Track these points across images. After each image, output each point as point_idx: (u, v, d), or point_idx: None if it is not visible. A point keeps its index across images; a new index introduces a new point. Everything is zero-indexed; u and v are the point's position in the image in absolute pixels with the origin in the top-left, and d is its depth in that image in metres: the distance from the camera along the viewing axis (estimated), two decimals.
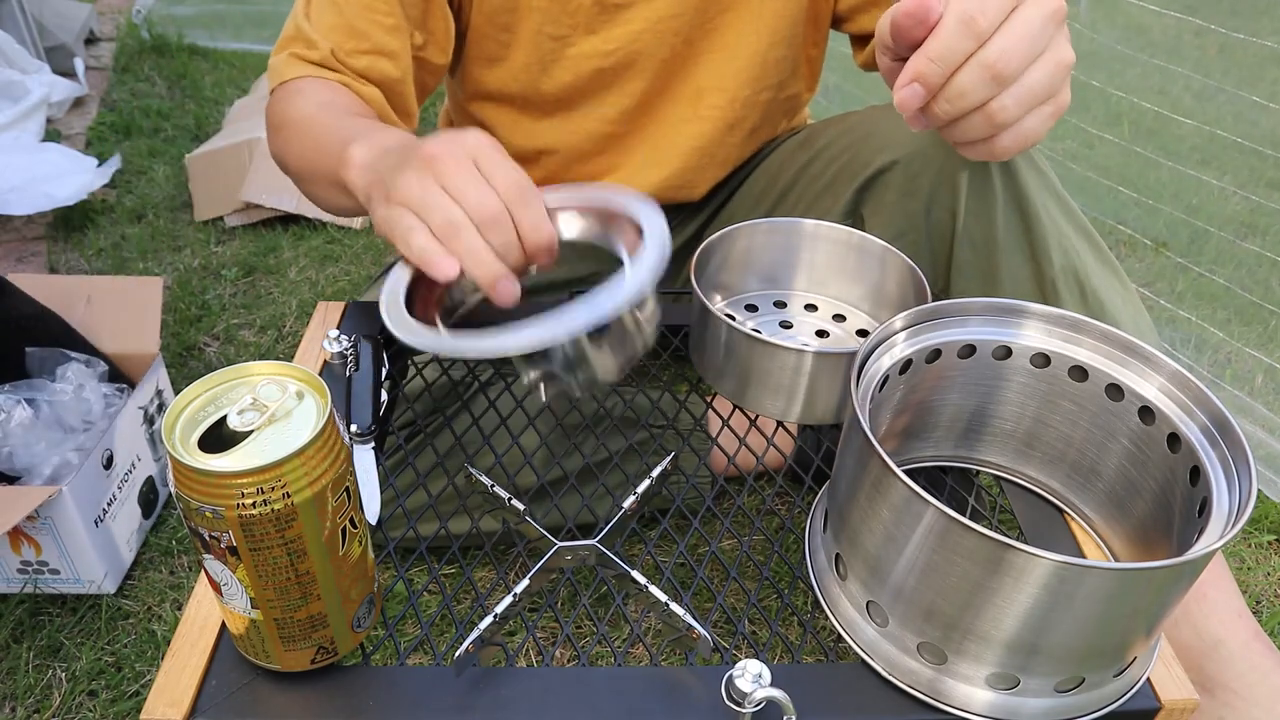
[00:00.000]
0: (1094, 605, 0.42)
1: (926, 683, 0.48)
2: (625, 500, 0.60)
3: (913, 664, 0.49)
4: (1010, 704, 0.47)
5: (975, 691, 0.47)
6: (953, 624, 0.46)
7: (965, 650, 0.46)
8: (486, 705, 0.48)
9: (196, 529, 0.43)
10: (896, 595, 0.48)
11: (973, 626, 0.45)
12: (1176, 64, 2.25)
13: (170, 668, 0.49)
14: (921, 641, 0.48)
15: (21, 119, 1.91)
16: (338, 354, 0.69)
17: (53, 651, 0.94)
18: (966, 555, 0.43)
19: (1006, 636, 0.45)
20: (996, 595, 0.43)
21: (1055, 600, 0.42)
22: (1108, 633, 0.45)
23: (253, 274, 1.61)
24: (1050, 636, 0.44)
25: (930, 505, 0.43)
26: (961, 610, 0.45)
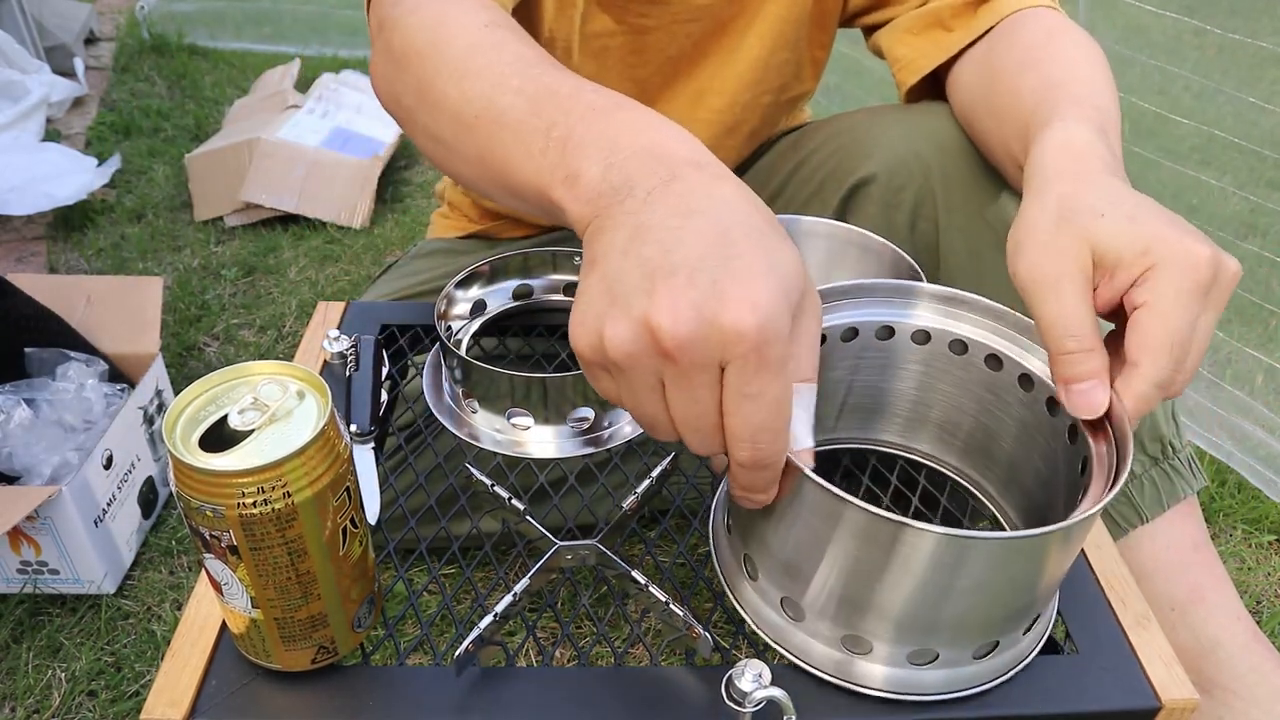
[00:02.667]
0: (985, 576, 0.44)
1: (836, 665, 0.49)
2: (625, 500, 0.60)
3: (827, 650, 0.49)
4: (918, 677, 0.48)
5: (888, 670, 0.48)
6: (858, 604, 0.46)
7: (878, 631, 0.47)
8: (486, 705, 0.48)
9: (197, 528, 0.43)
10: (794, 578, 0.48)
11: (878, 604, 0.46)
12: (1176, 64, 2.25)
13: (170, 668, 0.49)
14: (836, 630, 0.48)
15: (21, 119, 1.91)
16: (338, 354, 0.69)
17: (52, 651, 0.94)
18: (858, 532, 0.44)
19: (909, 611, 0.45)
20: (894, 571, 0.44)
21: (949, 573, 0.43)
22: (1001, 602, 0.46)
23: (252, 274, 1.61)
24: (948, 609, 0.45)
25: (815, 484, 0.43)
26: (866, 590, 0.45)
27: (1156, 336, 0.45)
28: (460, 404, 0.67)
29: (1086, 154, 0.54)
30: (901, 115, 0.82)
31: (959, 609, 0.45)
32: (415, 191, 1.94)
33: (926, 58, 0.80)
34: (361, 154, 1.85)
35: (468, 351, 0.75)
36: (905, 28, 0.82)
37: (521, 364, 0.77)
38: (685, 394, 0.38)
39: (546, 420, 0.65)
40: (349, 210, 1.78)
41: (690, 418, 0.39)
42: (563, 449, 0.65)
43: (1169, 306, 0.45)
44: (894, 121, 0.81)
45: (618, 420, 0.67)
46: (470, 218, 1.05)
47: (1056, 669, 0.51)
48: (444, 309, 0.73)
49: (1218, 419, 1.28)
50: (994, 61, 0.74)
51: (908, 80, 0.83)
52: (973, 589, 0.44)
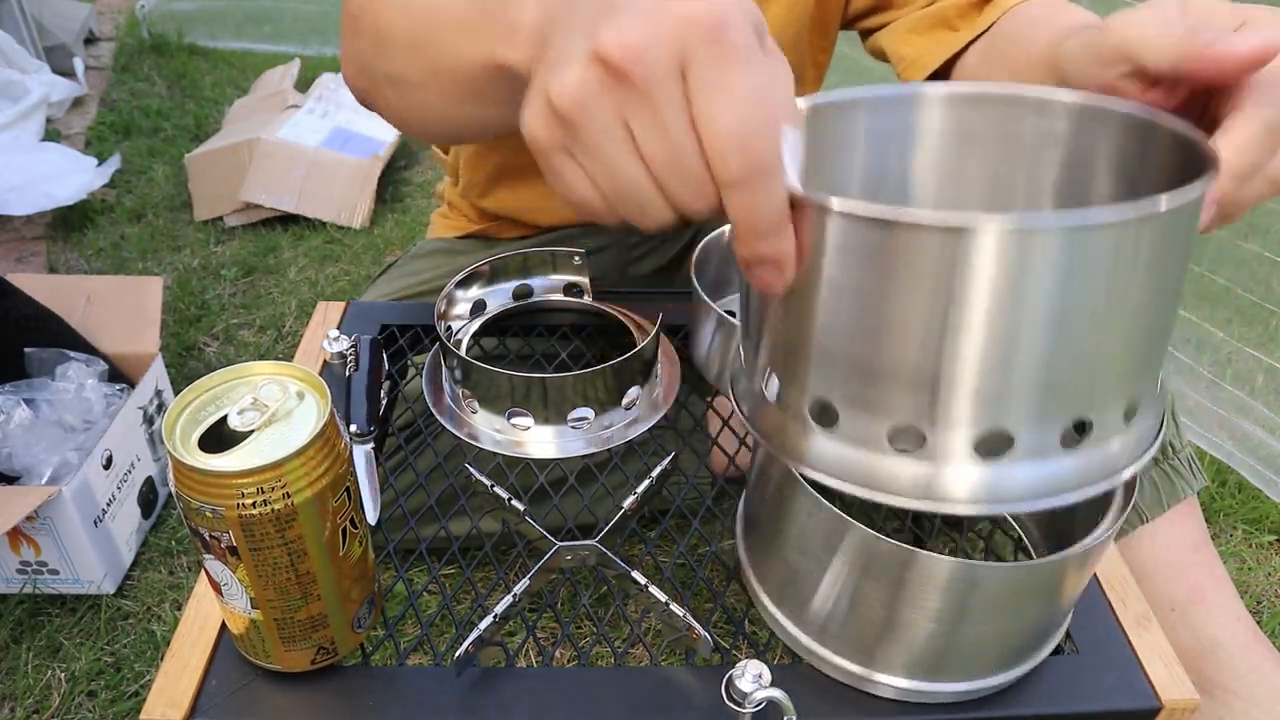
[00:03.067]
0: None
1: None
2: (625, 500, 0.60)
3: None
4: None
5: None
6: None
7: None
8: (486, 705, 0.48)
9: (197, 529, 0.43)
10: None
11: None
12: None
13: (170, 668, 0.49)
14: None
15: (21, 119, 1.91)
16: (338, 354, 0.69)
17: (52, 652, 0.94)
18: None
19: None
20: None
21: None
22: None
23: (252, 274, 1.61)
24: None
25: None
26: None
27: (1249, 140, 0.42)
28: (460, 404, 0.67)
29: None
30: None
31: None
32: (415, 191, 1.94)
33: (932, 55, 0.80)
34: (361, 154, 1.85)
35: (468, 351, 0.75)
36: (909, 28, 0.82)
37: (521, 364, 0.77)
38: (653, 123, 0.33)
39: (546, 420, 0.65)
40: (349, 210, 1.78)
41: (667, 155, 0.34)
42: (563, 449, 0.65)
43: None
44: None
45: (618, 420, 0.67)
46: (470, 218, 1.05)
47: (1056, 669, 0.51)
48: (444, 309, 0.72)
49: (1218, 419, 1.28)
50: (999, 51, 0.74)
51: (913, 78, 0.83)
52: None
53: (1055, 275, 0.33)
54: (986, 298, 0.34)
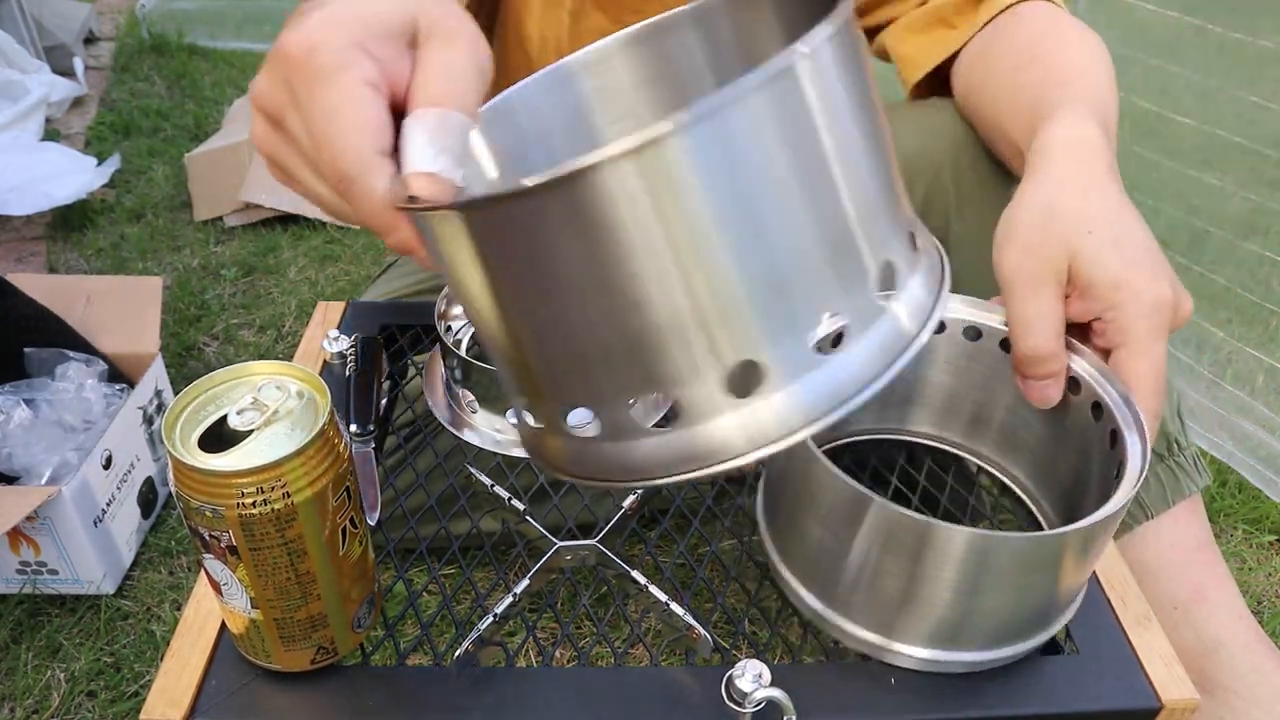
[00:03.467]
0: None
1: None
2: (625, 500, 0.60)
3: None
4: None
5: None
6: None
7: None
8: (486, 705, 0.48)
9: (196, 529, 0.43)
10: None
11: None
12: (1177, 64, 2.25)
13: (170, 668, 0.49)
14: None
15: (21, 119, 1.91)
16: (338, 354, 0.69)
17: (52, 652, 0.94)
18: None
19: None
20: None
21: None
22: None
23: (252, 274, 1.61)
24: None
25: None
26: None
27: (1146, 376, 0.50)
28: (460, 404, 0.67)
29: (1090, 152, 0.56)
30: (911, 112, 0.82)
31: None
32: None
33: (930, 54, 0.80)
34: None
35: (468, 351, 0.75)
36: (908, 26, 0.82)
37: None
38: (294, 149, 0.40)
39: None
40: None
41: (309, 173, 0.40)
42: None
43: (1146, 347, 0.50)
44: (903, 118, 0.81)
45: None
46: None
47: (1056, 669, 0.51)
48: (444, 309, 0.72)
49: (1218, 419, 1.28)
50: (995, 51, 0.74)
51: (912, 77, 0.83)
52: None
53: (711, 174, 0.30)
54: (651, 231, 0.30)
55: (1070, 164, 0.56)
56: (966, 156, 0.76)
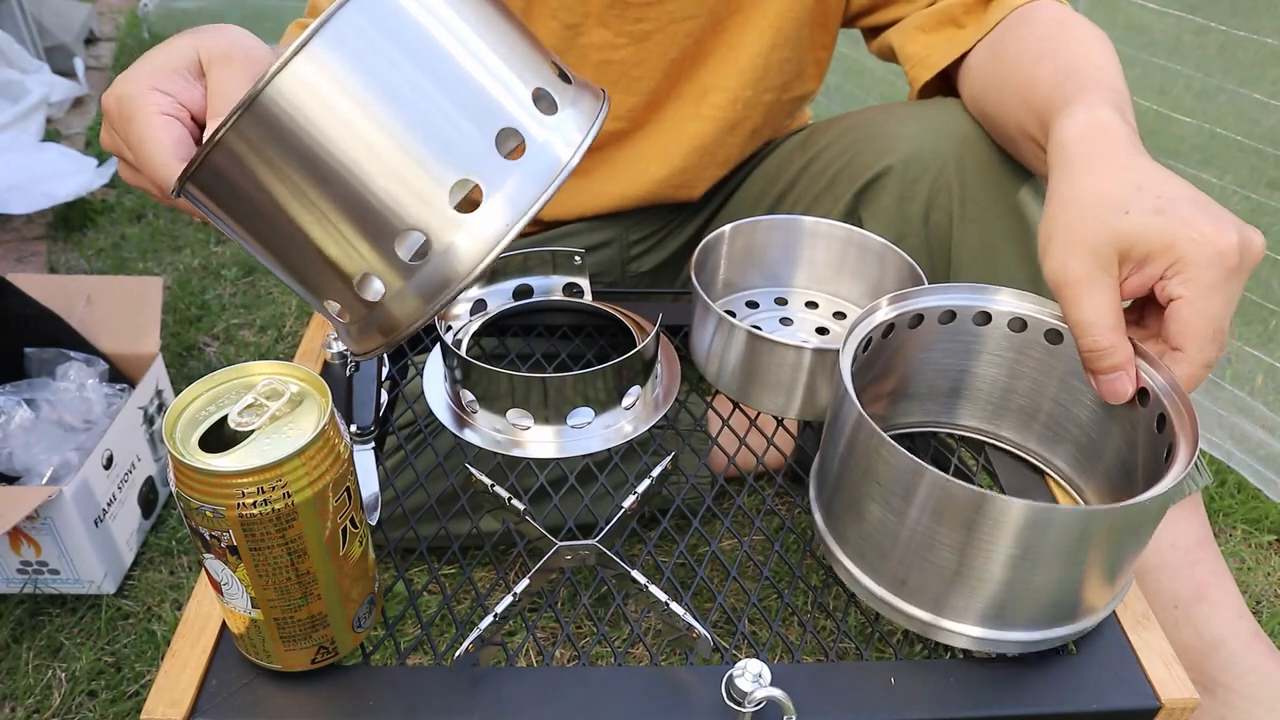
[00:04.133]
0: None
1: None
2: (625, 500, 0.60)
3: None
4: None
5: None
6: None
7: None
8: (486, 705, 0.48)
9: (197, 528, 0.43)
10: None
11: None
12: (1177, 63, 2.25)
13: (170, 667, 0.49)
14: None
15: (21, 119, 1.91)
16: (338, 354, 0.69)
17: (53, 652, 0.94)
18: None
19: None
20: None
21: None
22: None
23: (252, 274, 1.61)
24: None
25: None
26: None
27: (1198, 326, 0.49)
28: (460, 404, 0.67)
29: (1109, 133, 0.56)
30: (917, 110, 0.82)
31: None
32: None
33: (940, 54, 0.80)
34: None
35: (468, 351, 0.75)
36: (917, 25, 0.82)
37: (521, 364, 0.77)
38: (132, 169, 0.54)
39: (546, 420, 0.65)
40: None
41: (143, 179, 0.53)
42: (563, 449, 0.65)
43: (1204, 298, 0.49)
44: (910, 117, 0.81)
45: (618, 420, 0.67)
46: None
47: (1056, 669, 0.51)
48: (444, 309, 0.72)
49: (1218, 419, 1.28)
50: (1005, 48, 0.74)
51: (922, 77, 0.83)
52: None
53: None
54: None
55: (1091, 149, 0.55)
56: (971, 154, 0.76)
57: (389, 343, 0.47)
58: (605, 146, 0.94)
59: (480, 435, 0.66)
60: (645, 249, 1.02)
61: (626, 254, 1.01)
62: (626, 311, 0.77)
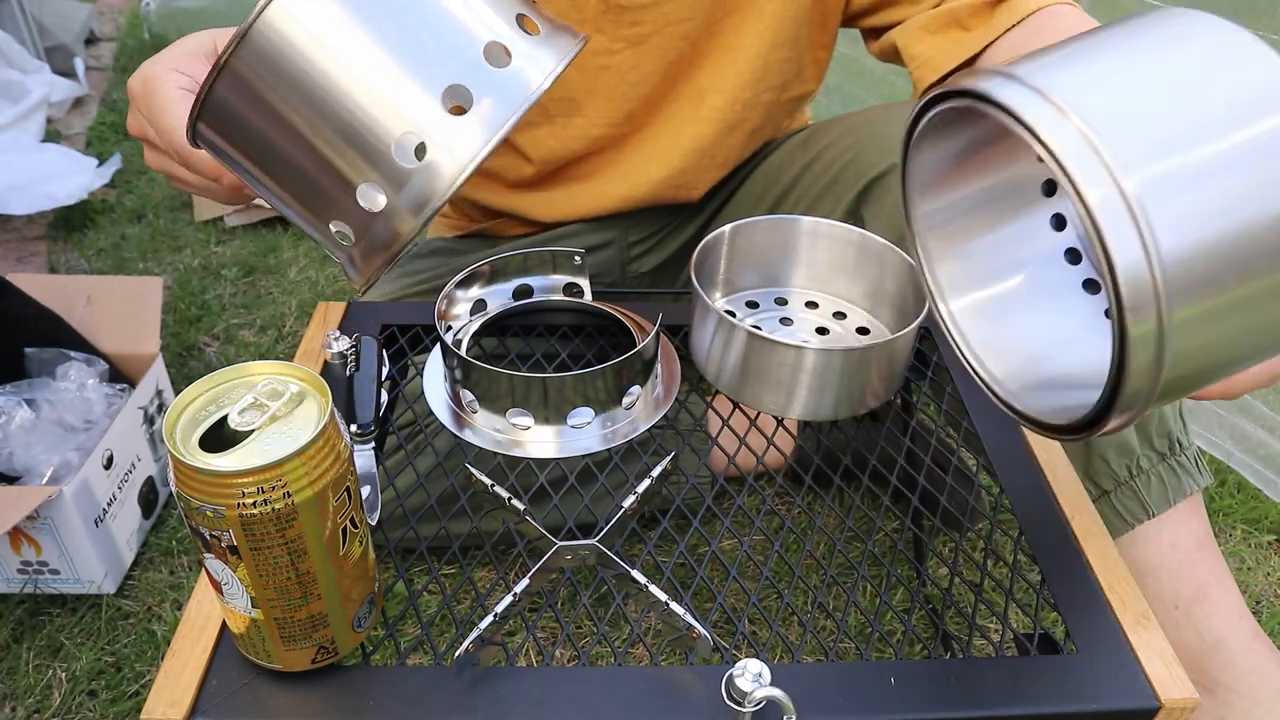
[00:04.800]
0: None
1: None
2: (625, 500, 0.60)
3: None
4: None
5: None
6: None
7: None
8: (486, 705, 0.48)
9: (197, 528, 0.43)
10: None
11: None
12: None
13: (171, 667, 0.49)
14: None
15: (21, 119, 1.91)
16: (338, 354, 0.69)
17: (53, 651, 0.94)
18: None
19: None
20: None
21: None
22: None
23: (253, 274, 1.61)
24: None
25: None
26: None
27: None
28: (460, 404, 0.67)
29: None
30: None
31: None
32: None
33: (947, 55, 0.80)
34: None
35: (468, 351, 0.75)
36: (922, 25, 0.82)
37: (521, 364, 0.77)
38: (156, 149, 0.58)
39: (546, 420, 0.65)
40: None
41: (166, 156, 0.57)
42: (563, 449, 0.65)
43: None
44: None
45: (618, 420, 0.67)
46: (471, 217, 1.05)
47: (1056, 669, 0.51)
48: (444, 309, 0.73)
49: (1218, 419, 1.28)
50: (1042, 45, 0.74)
51: (928, 78, 0.83)
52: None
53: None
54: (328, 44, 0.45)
55: None
56: None
57: (389, 257, 0.49)
58: (605, 149, 0.94)
59: (480, 435, 0.66)
60: (645, 250, 1.02)
61: (627, 254, 1.01)
62: (626, 311, 0.77)
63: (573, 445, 0.65)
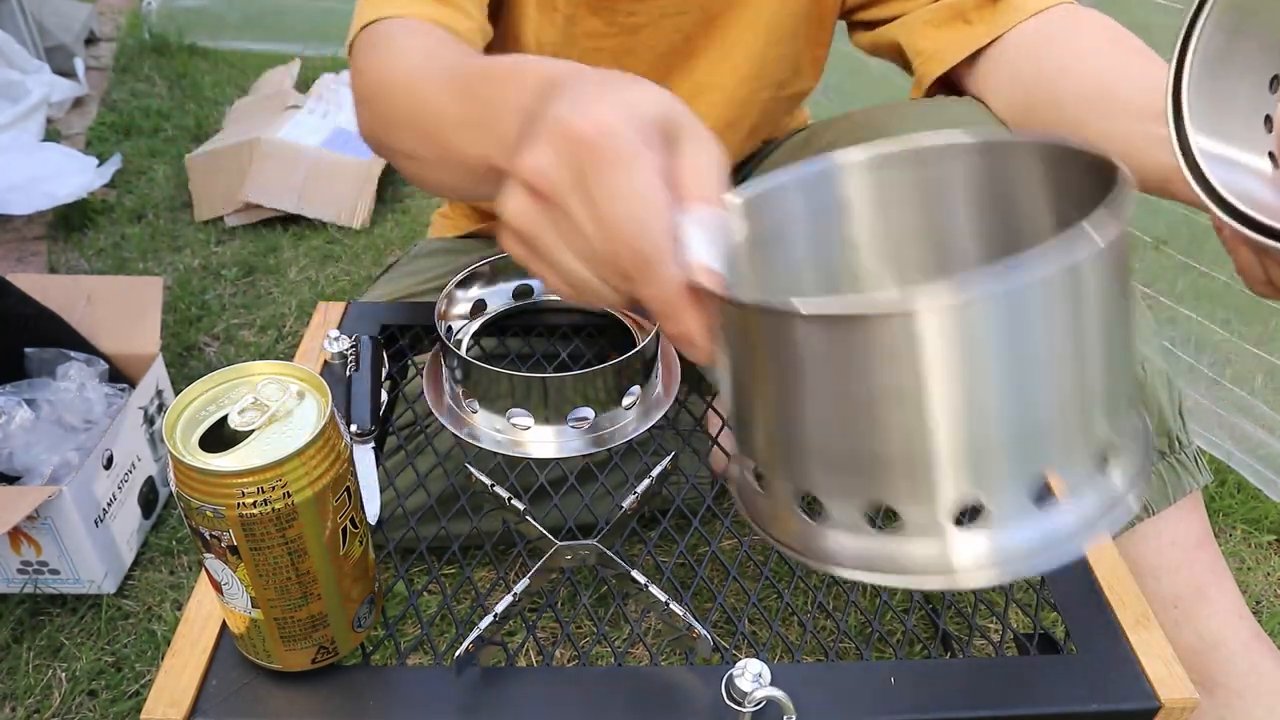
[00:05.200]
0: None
1: (798, 537, 0.39)
2: (625, 500, 0.60)
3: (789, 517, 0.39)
4: (898, 549, 0.37)
5: (852, 539, 0.37)
6: (788, 445, 0.38)
7: (821, 481, 0.37)
8: (486, 705, 0.48)
9: (197, 528, 0.43)
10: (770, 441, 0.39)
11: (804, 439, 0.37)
12: None
13: (171, 667, 0.49)
14: (790, 489, 0.38)
15: (21, 119, 1.91)
16: (338, 354, 0.69)
17: (53, 651, 0.94)
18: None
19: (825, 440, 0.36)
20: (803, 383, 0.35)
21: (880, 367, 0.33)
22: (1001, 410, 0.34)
23: (253, 274, 1.61)
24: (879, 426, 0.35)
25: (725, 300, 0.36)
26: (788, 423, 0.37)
27: None
28: (460, 404, 0.67)
29: None
30: (920, 109, 0.82)
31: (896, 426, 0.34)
32: (415, 191, 1.94)
33: (950, 50, 0.81)
34: (362, 154, 1.85)
35: (468, 351, 0.75)
36: (926, 20, 0.82)
37: (521, 364, 0.77)
38: (571, 229, 0.38)
39: (546, 420, 0.65)
40: (349, 210, 1.78)
41: (589, 254, 0.38)
42: (563, 449, 0.65)
43: None
44: (913, 115, 0.81)
45: (618, 420, 0.67)
46: (470, 217, 1.05)
47: (1056, 669, 0.51)
48: (444, 309, 0.73)
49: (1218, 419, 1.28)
50: (1070, 36, 0.75)
51: (934, 72, 0.82)
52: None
53: (1002, 335, 0.32)
54: (932, 373, 0.32)
55: None
56: None
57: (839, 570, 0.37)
58: None
59: (480, 435, 0.66)
60: None
61: None
62: (627, 311, 0.77)
63: (573, 445, 0.65)
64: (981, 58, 0.79)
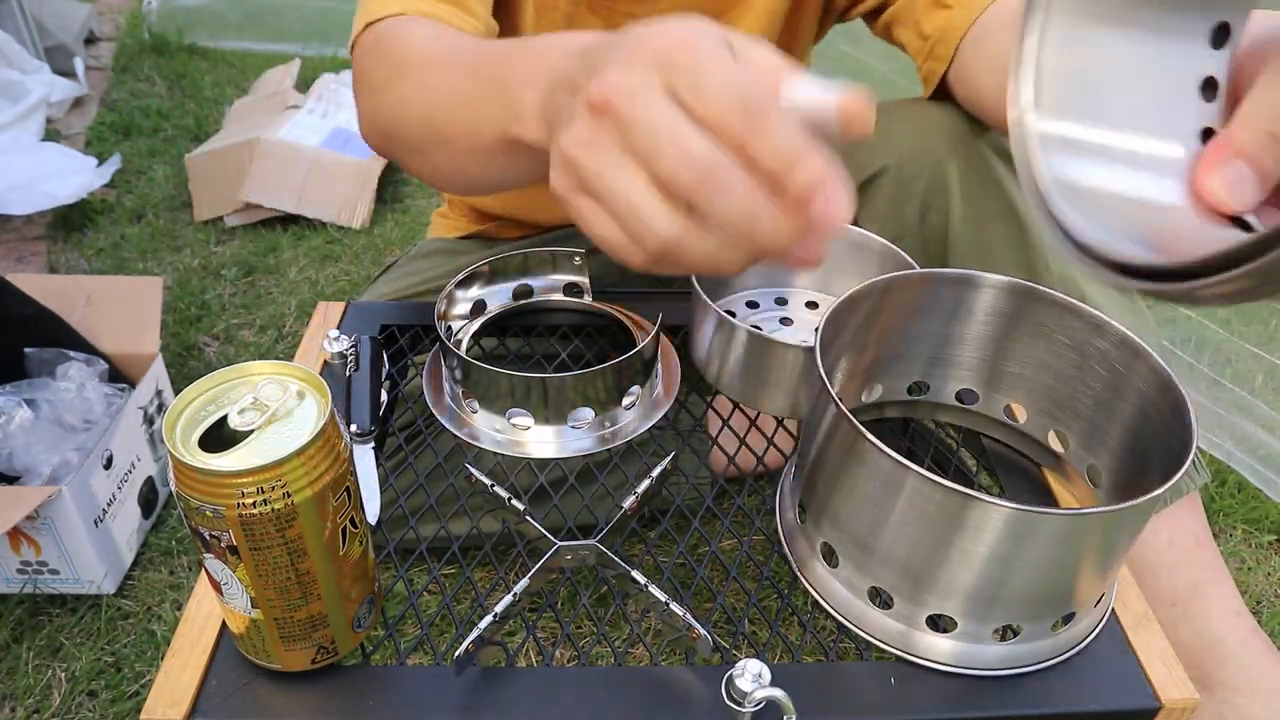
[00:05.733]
0: (1043, 550, 0.46)
1: (897, 638, 0.52)
2: (625, 500, 0.60)
3: (895, 626, 0.52)
4: (963, 650, 0.50)
5: (933, 639, 0.51)
6: (909, 571, 0.49)
7: (917, 597, 0.50)
8: (486, 705, 0.48)
9: (197, 528, 0.43)
10: (861, 548, 0.51)
11: (930, 572, 0.49)
12: None
13: (170, 667, 0.49)
14: (874, 586, 0.51)
15: (21, 119, 1.91)
16: (338, 354, 0.69)
17: (52, 651, 0.94)
18: (923, 503, 0.46)
19: (962, 582, 0.48)
20: (954, 542, 0.46)
21: (1007, 545, 0.46)
22: (1057, 578, 0.48)
23: (252, 274, 1.61)
24: (1004, 580, 0.47)
25: (889, 458, 0.46)
26: (922, 559, 0.48)
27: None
28: (460, 404, 0.67)
29: None
30: (911, 109, 0.82)
31: (1012, 579, 0.47)
32: (415, 191, 1.94)
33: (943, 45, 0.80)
34: (361, 154, 1.85)
35: (468, 351, 0.75)
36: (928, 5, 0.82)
37: (521, 364, 0.77)
38: (648, 131, 0.35)
39: (546, 420, 0.65)
40: (349, 210, 1.78)
41: (672, 151, 0.34)
42: (563, 449, 0.65)
43: None
44: (904, 116, 0.81)
45: (618, 420, 0.67)
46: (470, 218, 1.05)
47: (1056, 669, 0.51)
48: (444, 309, 0.73)
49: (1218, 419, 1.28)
50: (992, 34, 0.74)
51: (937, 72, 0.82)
52: (1027, 563, 0.46)
53: (1043, 540, 0.45)
54: (979, 544, 0.46)
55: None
56: (966, 153, 0.76)
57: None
58: None
59: (480, 435, 0.66)
60: None
61: None
62: (626, 312, 0.77)
63: (573, 445, 0.65)
64: (968, 33, 0.78)
